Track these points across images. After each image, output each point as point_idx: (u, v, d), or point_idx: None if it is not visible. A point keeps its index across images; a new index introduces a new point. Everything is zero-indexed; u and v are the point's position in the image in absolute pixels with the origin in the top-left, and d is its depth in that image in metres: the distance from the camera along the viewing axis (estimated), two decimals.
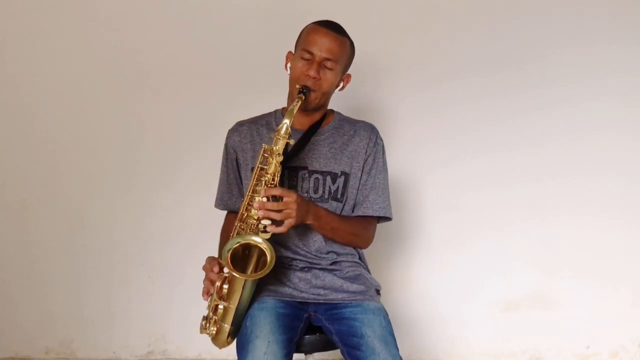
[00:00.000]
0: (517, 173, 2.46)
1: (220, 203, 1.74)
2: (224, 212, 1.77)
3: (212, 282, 1.47)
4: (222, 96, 2.44)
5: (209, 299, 1.50)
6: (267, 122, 1.70)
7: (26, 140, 2.48)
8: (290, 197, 1.44)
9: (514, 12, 2.43)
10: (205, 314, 1.53)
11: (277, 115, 1.71)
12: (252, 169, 1.53)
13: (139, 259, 2.51)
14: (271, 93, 1.78)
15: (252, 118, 1.74)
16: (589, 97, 2.44)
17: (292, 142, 1.48)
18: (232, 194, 1.71)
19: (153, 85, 2.46)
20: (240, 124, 1.73)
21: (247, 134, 1.68)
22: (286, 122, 1.45)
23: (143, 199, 2.49)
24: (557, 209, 2.47)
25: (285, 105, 1.70)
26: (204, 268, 1.52)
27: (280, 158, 1.46)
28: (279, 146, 1.46)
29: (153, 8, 2.44)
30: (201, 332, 1.53)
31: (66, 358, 2.53)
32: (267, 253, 1.42)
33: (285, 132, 1.45)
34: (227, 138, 1.71)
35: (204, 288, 1.50)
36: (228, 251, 1.41)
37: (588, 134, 2.45)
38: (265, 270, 1.40)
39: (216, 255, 1.62)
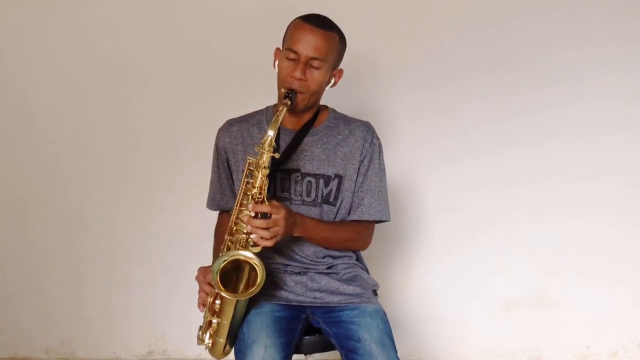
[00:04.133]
0: (517, 173, 2.46)
1: (212, 204, 1.71)
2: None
3: (207, 294, 1.46)
4: (221, 96, 2.43)
5: (204, 310, 1.49)
6: (258, 121, 1.65)
7: (26, 140, 2.47)
8: (278, 215, 1.39)
9: (514, 13, 2.42)
10: (201, 324, 1.52)
11: (269, 113, 1.66)
12: (243, 171, 1.48)
13: (139, 259, 2.51)
14: (271, 93, 1.73)
15: (242, 116, 1.69)
16: (589, 97, 2.43)
17: (277, 155, 1.41)
18: (223, 194, 1.67)
19: (153, 86, 2.46)
20: (230, 124, 1.67)
21: (238, 135, 1.64)
22: (270, 134, 1.38)
23: (143, 199, 2.49)
24: (557, 209, 2.47)
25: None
26: (197, 279, 1.50)
27: (267, 171, 1.40)
28: (264, 159, 1.39)
29: (153, 9, 2.43)
30: (198, 344, 1.52)
31: (66, 358, 2.53)
32: (257, 270, 1.38)
33: (269, 145, 1.39)
34: (217, 138, 1.67)
35: (198, 299, 1.49)
36: (216, 273, 1.37)
37: (588, 134, 2.44)
38: (256, 289, 1.36)
39: (211, 260, 1.61)
